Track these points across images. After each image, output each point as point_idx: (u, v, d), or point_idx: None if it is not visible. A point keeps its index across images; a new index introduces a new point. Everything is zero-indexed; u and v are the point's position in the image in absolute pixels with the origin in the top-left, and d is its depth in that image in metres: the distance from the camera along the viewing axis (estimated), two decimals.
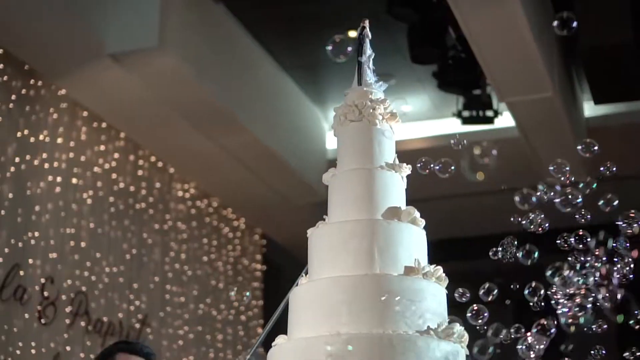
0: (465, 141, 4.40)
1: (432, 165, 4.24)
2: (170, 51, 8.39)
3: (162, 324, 10.22)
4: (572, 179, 4.58)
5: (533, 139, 9.60)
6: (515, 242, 4.15)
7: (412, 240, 3.92)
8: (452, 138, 4.38)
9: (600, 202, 4.39)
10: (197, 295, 10.93)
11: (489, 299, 4.06)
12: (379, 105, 4.11)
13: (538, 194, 4.19)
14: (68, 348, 8.63)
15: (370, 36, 4.24)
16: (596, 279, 4.11)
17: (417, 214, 4.00)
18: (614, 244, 4.11)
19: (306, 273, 4.01)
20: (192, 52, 8.73)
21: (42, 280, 8.49)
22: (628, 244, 3.97)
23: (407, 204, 4.10)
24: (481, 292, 4.08)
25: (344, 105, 4.15)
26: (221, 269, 11.53)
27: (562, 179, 4.45)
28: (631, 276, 4.07)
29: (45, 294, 8.50)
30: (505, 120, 9.61)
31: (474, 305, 3.95)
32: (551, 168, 4.43)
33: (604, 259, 4.01)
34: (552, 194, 4.29)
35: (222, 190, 11.29)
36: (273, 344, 3.91)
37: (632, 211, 4.14)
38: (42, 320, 8.43)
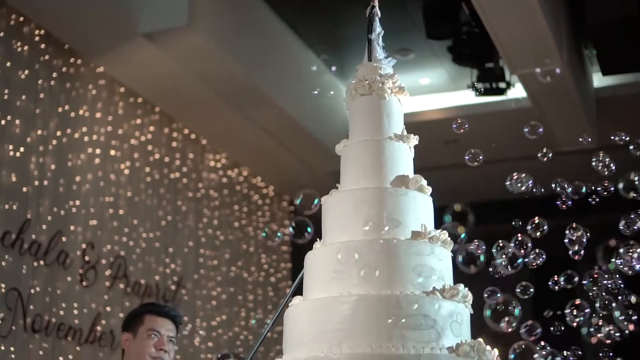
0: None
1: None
2: (200, 30, 8.39)
3: (196, 285, 10.30)
4: None
5: (544, 109, 9.54)
6: None
7: (419, 207, 3.92)
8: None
9: None
10: (229, 258, 10.99)
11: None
12: (387, 79, 4.10)
13: None
14: (108, 309, 8.71)
15: (380, 14, 4.22)
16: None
17: (424, 182, 4.00)
18: None
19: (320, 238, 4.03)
20: (220, 30, 8.73)
21: (83, 246, 8.56)
22: None
23: (421, 172, 4.09)
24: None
25: (355, 80, 4.15)
26: (251, 234, 11.58)
27: None
28: None
29: (86, 258, 8.56)
30: (517, 91, 9.55)
31: None
32: None
33: None
34: None
35: (251, 160, 11.33)
36: (290, 304, 3.94)
37: None
38: (84, 283, 8.51)
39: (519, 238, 4.19)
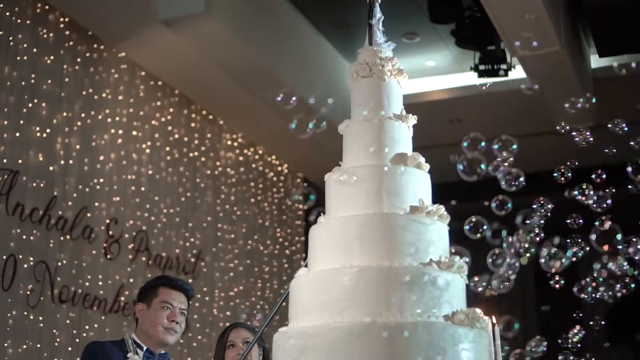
0: None
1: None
2: (216, 16, 8.38)
3: (214, 258, 10.34)
4: None
5: (543, 90, 9.49)
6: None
7: (417, 183, 3.93)
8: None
9: None
10: (246, 232, 11.02)
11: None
12: (387, 62, 4.10)
13: None
14: (131, 280, 8.77)
15: (380, 0, 4.21)
16: None
17: (422, 159, 4.01)
18: None
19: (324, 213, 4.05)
20: (235, 16, 8.72)
21: (107, 221, 8.61)
22: None
23: (427, 149, 4.09)
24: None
25: (357, 63, 4.16)
26: (267, 209, 11.60)
27: None
28: None
29: (110, 232, 8.61)
30: (518, 72, 9.50)
31: None
32: None
33: None
34: None
35: (266, 139, 11.33)
36: (295, 275, 3.96)
37: None
38: (108, 256, 8.56)
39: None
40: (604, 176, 4.80)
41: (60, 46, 8.26)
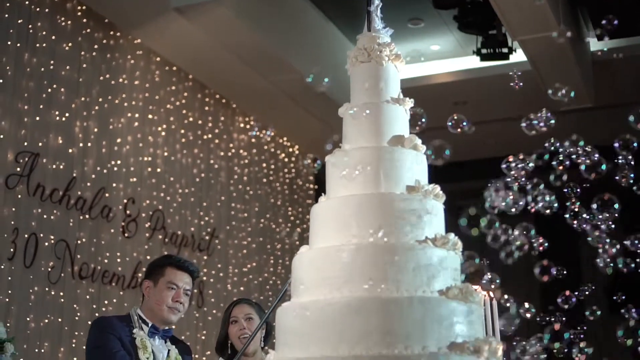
0: None
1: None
2: (226, 3, 8.37)
3: (228, 235, 10.37)
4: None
5: (543, 72, 9.45)
6: None
7: (413, 164, 3.92)
8: None
9: None
10: (258, 211, 11.05)
11: None
12: (385, 48, 4.08)
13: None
14: (148, 257, 8.77)
15: None
16: None
17: (419, 141, 3.99)
18: None
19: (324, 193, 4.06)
20: (246, 3, 8.71)
21: (125, 201, 8.65)
22: None
23: (432, 131, 4.08)
24: None
25: (355, 48, 4.15)
26: (279, 189, 11.63)
27: None
28: None
29: (128, 212, 8.65)
30: (519, 56, 9.46)
31: None
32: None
33: None
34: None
35: (277, 122, 11.33)
36: (298, 252, 3.98)
37: None
38: (126, 234, 8.61)
39: None
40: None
41: (78, 33, 8.28)
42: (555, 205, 3.97)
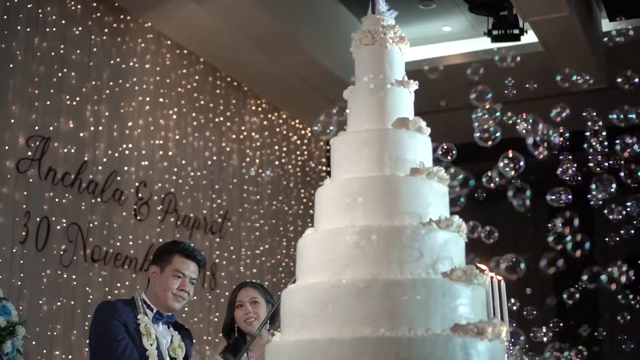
0: None
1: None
2: None
3: (241, 218, 10.39)
4: None
5: (555, 53, 9.39)
6: None
7: (417, 146, 3.91)
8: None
9: None
10: (271, 193, 11.06)
11: None
12: (389, 30, 4.06)
13: None
14: (160, 240, 8.80)
15: None
16: None
17: (423, 123, 3.97)
18: None
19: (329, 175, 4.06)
20: None
21: (137, 184, 8.67)
22: None
23: (443, 112, 4.07)
24: None
25: (360, 31, 4.13)
26: (291, 171, 11.63)
27: None
28: None
29: (140, 195, 8.68)
30: (530, 37, 9.40)
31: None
32: None
33: None
34: None
35: (289, 104, 11.33)
36: (303, 234, 3.98)
37: None
38: (138, 217, 8.64)
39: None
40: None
41: (88, 17, 8.29)
42: None
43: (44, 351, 7.27)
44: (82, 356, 7.54)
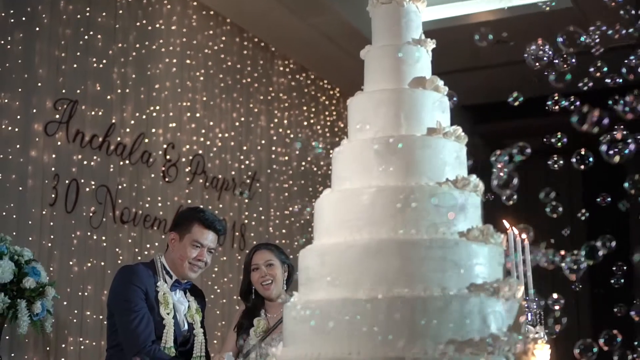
0: None
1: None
2: None
3: (269, 179, 10.41)
4: None
5: (585, 7, 9.23)
6: None
7: (434, 105, 3.89)
8: None
9: None
10: (299, 154, 11.05)
11: None
12: None
13: None
14: (189, 201, 8.88)
15: None
16: None
17: (440, 83, 3.96)
18: None
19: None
20: None
21: (165, 146, 8.70)
22: None
23: (471, 71, 4.03)
24: None
25: None
26: (320, 132, 11.61)
27: None
28: None
29: (168, 157, 8.71)
30: None
31: None
32: None
33: None
34: None
35: (317, 65, 11.27)
36: (321, 195, 4.00)
37: None
38: (166, 179, 8.68)
39: None
40: None
41: None
42: None
43: (75, 311, 7.38)
44: None
